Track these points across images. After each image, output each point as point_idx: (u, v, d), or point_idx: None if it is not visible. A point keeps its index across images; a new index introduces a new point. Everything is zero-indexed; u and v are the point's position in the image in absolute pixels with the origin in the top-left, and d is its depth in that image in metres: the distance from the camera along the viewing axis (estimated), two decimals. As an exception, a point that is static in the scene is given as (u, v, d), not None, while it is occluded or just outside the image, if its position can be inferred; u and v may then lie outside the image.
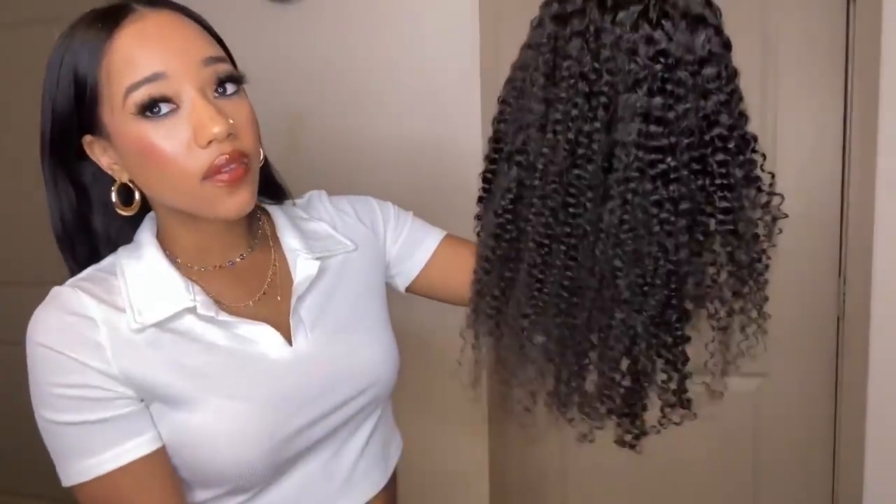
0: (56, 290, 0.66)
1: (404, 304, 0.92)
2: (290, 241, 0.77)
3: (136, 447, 0.64)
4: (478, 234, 0.70)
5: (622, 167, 0.54)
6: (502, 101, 0.63)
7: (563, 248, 0.58)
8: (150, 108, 0.61)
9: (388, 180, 1.61)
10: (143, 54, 0.60)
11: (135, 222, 0.72)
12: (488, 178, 0.66)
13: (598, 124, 0.54)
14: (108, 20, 0.61)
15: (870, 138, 1.38)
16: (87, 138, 0.65)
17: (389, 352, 0.80)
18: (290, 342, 0.72)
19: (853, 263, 1.44)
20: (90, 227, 0.71)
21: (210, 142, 0.61)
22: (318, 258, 0.76)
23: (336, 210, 0.85)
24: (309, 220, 0.82)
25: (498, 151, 0.63)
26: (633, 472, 1.66)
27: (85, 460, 0.62)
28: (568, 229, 0.58)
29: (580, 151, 0.55)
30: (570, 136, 0.55)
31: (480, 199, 0.68)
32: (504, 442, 1.70)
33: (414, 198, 1.56)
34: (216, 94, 0.64)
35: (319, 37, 1.63)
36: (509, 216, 0.62)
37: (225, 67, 0.65)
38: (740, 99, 0.55)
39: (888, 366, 1.42)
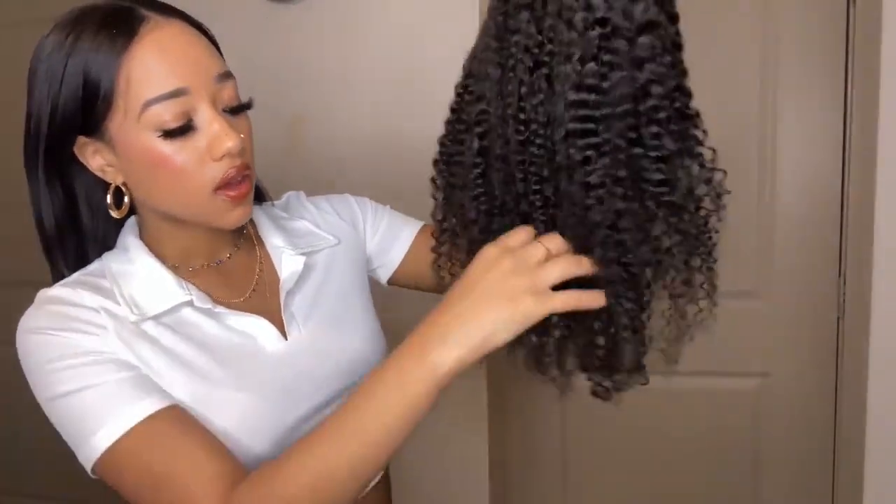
0: (43, 291, 0.66)
1: (389, 298, 0.92)
2: (273, 239, 0.79)
3: (161, 399, 0.62)
4: (436, 217, 0.70)
5: (557, 141, 0.54)
6: (463, 68, 0.64)
7: (540, 217, 0.59)
8: (173, 133, 0.62)
9: (387, 180, 1.61)
10: (164, 68, 0.61)
11: (119, 223, 0.73)
12: (446, 144, 0.66)
13: (541, 96, 0.54)
14: (123, 27, 0.61)
15: (870, 138, 1.38)
16: (81, 139, 0.65)
17: (378, 343, 0.83)
18: (284, 336, 0.73)
19: (853, 263, 1.44)
20: (80, 228, 0.71)
21: (223, 156, 0.64)
22: (302, 254, 0.78)
23: (316, 208, 0.87)
24: (290, 219, 0.84)
25: (458, 119, 0.64)
26: (633, 471, 1.66)
27: (113, 418, 0.59)
28: (537, 201, 0.58)
29: (532, 127, 0.55)
30: (520, 114, 0.55)
31: (436, 177, 0.69)
32: (503, 430, 1.70)
33: (413, 198, 1.56)
34: (225, 110, 0.66)
35: (319, 37, 1.63)
36: (480, 188, 0.62)
37: (233, 89, 0.67)
38: (681, 72, 0.54)
39: (888, 366, 1.42)
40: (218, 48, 0.69)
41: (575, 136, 0.53)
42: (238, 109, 0.67)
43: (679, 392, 1.59)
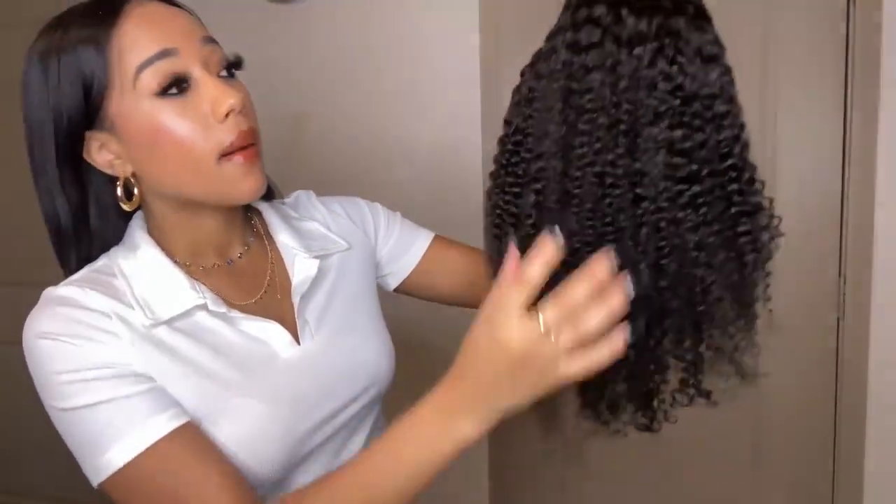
0: (50, 290, 0.64)
1: (395, 303, 0.92)
2: (285, 239, 0.77)
3: (175, 416, 0.61)
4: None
5: (652, 197, 0.55)
6: (508, 122, 0.63)
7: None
8: (168, 89, 0.61)
9: (388, 181, 1.61)
10: (148, 33, 0.62)
11: (125, 222, 0.71)
12: (499, 199, 0.64)
13: (621, 151, 0.55)
14: (106, 10, 0.62)
15: (870, 139, 1.38)
16: (86, 134, 0.65)
17: (387, 350, 0.81)
18: (297, 341, 0.72)
19: (853, 263, 1.44)
20: (88, 230, 0.69)
21: (227, 114, 0.62)
22: (316, 257, 0.76)
23: (327, 210, 0.85)
24: (301, 219, 0.82)
25: (509, 175, 0.62)
26: (632, 471, 1.66)
27: (125, 438, 0.58)
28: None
29: (608, 181, 0.56)
30: (597, 168, 0.56)
31: (494, 229, 0.66)
32: (503, 430, 1.70)
33: (413, 198, 1.55)
34: (218, 76, 0.65)
35: (320, 37, 1.63)
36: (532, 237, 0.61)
37: (220, 54, 0.66)
38: (744, 130, 0.58)
39: (888, 366, 1.42)
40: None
41: (671, 196, 0.55)
42: (230, 68, 0.67)
43: (679, 392, 1.59)
